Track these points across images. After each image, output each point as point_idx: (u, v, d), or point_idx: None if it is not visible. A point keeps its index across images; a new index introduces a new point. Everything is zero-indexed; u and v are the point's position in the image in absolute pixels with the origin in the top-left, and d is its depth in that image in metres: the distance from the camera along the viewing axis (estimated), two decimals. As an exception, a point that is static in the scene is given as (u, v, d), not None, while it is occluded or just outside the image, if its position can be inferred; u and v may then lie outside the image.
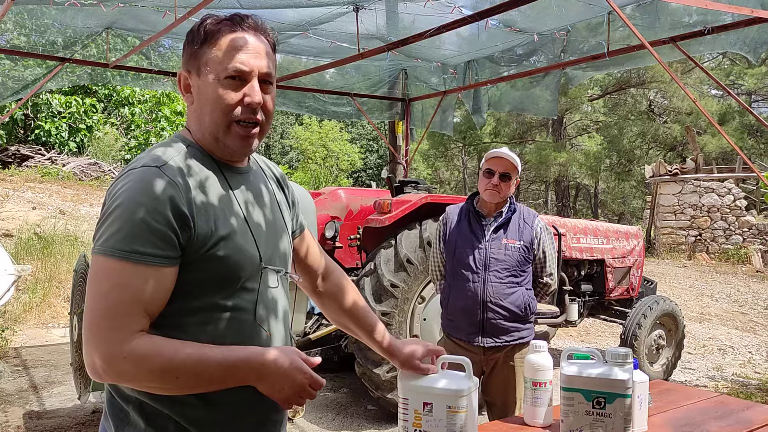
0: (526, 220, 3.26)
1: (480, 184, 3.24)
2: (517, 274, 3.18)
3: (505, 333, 3.15)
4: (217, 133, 1.41)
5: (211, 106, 1.40)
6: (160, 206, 1.27)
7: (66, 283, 8.95)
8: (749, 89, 23.13)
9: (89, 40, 6.48)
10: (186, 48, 1.45)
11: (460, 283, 3.20)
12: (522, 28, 6.07)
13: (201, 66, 1.41)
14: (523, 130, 28.09)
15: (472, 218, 3.27)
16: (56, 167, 16.27)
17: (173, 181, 1.31)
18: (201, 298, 1.36)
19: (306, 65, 7.86)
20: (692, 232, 16.43)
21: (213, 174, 1.42)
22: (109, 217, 1.29)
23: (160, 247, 1.28)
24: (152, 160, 1.35)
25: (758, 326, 9.89)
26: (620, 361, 1.89)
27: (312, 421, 5.00)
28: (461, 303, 3.19)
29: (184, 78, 1.45)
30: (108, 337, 1.25)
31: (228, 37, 1.41)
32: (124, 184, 1.31)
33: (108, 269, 1.27)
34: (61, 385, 5.73)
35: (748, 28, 5.17)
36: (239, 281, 1.40)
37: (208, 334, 1.35)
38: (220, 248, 1.35)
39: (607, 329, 8.99)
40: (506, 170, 3.16)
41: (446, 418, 1.70)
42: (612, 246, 6.25)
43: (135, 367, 1.25)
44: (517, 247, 3.18)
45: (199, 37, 1.42)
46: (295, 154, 30.22)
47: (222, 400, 1.37)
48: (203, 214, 1.34)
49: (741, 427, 2.18)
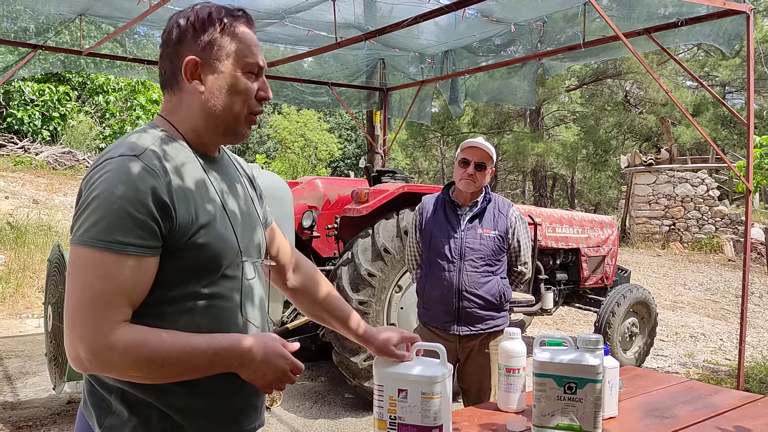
0: (501, 209, 3.29)
1: (456, 174, 3.26)
2: (492, 263, 3.21)
3: (480, 321, 3.19)
4: (229, 122, 1.45)
5: (231, 95, 1.43)
6: (141, 196, 1.27)
7: (40, 273, 8.84)
8: (723, 81, 23.42)
9: (62, 27, 6.37)
10: (194, 34, 1.42)
11: (435, 272, 3.22)
12: (499, 18, 6.08)
13: (222, 56, 1.42)
14: (501, 120, 28.20)
15: (447, 208, 3.29)
16: (29, 156, 16.01)
17: (152, 169, 1.30)
18: (182, 287, 1.36)
19: (284, 54, 7.82)
20: (666, 222, 16.66)
21: (190, 163, 1.41)
22: (88, 208, 1.28)
23: (142, 237, 1.27)
24: (129, 148, 1.33)
25: (729, 314, 10.08)
26: (591, 347, 1.92)
27: (289, 409, 5.02)
28: (437, 292, 3.21)
29: (193, 64, 1.42)
30: (93, 328, 1.24)
31: (244, 31, 1.45)
32: (102, 174, 1.29)
33: (90, 260, 1.26)
34: (36, 376, 5.68)
35: (721, 20, 5.24)
36: (220, 269, 1.40)
37: (188, 323, 1.35)
38: (200, 236, 1.35)
39: (582, 317, 9.10)
40: (481, 159, 3.19)
41: (421, 405, 1.72)
42: (587, 235, 6.32)
43: (122, 357, 1.25)
44: (492, 237, 3.21)
45: (215, 26, 1.42)
46: (272, 143, 30.03)
47: (205, 388, 1.37)
48: (184, 201, 1.33)
49: (708, 411, 2.23)
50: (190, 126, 1.45)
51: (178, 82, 1.44)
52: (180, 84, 1.44)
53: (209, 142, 1.48)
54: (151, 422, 1.35)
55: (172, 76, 1.44)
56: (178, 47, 1.42)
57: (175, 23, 1.43)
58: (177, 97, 1.45)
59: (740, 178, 5.25)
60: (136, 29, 6.98)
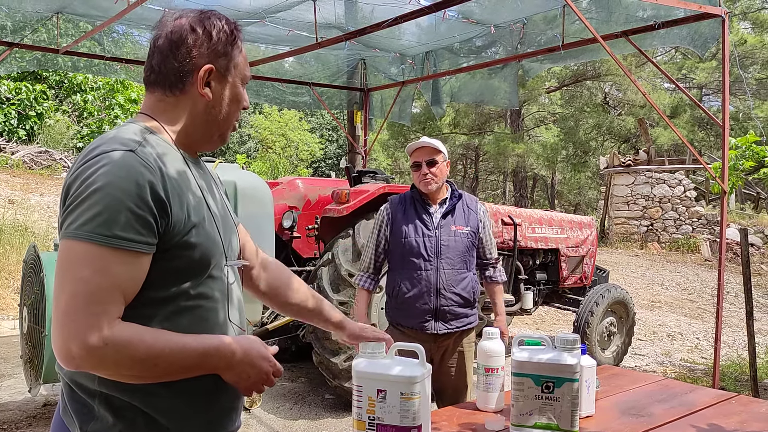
0: (470, 206, 3.35)
1: (414, 179, 3.33)
2: (467, 259, 3.28)
3: (456, 319, 3.23)
4: (224, 129, 1.51)
5: (232, 105, 1.50)
6: (140, 191, 1.25)
7: (15, 274, 8.71)
8: (700, 83, 23.71)
9: (39, 25, 6.30)
10: (210, 43, 1.44)
11: (409, 271, 3.23)
12: (479, 19, 6.12)
13: (231, 67, 1.48)
14: (482, 121, 28.28)
15: (418, 206, 3.32)
16: (4, 155, 15.77)
17: (149, 165, 1.29)
18: (170, 287, 1.35)
19: (264, 53, 7.79)
20: (644, 222, 16.83)
21: (179, 162, 1.41)
22: (86, 201, 1.24)
23: (141, 233, 1.26)
24: (123, 143, 1.31)
25: (706, 313, 10.22)
26: (569, 347, 1.94)
27: (269, 410, 5.00)
28: (413, 291, 3.22)
29: (208, 72, 1.43)
30: (89, 323, 1.21)
31: (242, 45, 1.53)
32: (100, 168, 1.26)
33: (87, 254, 1.23)
34: (11, 378, 5.60)
35: (697, 23, 5.31)
36: (208, 269, 1.40)
37: (174, 324, 1.34)
38: (192, 235, 1.35)
39: (561, 317, 9.17)
40: (430, 156, 3.25)
41: (399, 405, 1.72)
42: (566, 236, 6.38)
43: (117, 353, 1.23)
44: (465, 233, 3.26)
45: (230, 37, 1.47)
46: (253, 143, 29.87)
47: (189, 390, 1.37)
48: (177, 200, 1.33)
49: (684, 410, 2.26)
50: (184, 129, 1.45)
51: (184, 85, 1.43)
52: (186, 87, 1.43)
53: (196, 146, 1.50)
54: (137, 426, 1.33)
55: (176, 77, 1.43)
56: (192, 51, 1.42)
57: (189, 27, 1.42)
58: (174, 99, 1.44)
59: (716, 180, 5.32)
60: (114, 28, 6.92)
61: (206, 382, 1.38)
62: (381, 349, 1.81)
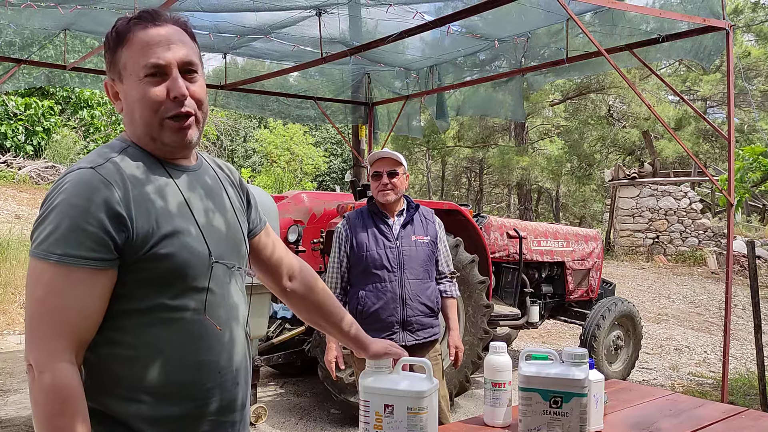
0: (427, 217, 3.41)
1: (372, 190, 3.34)
2: (428, 269, 3.33)
3: (422, 329, 3.27)
4: (152, 133, 1.40)
5: (139, 107, 1.39)
6: (93, 208, 1.27)
7: (21, 289, 8.73)
8: (705, 95, 23.70)
9: (47, 41, 6.36)
10: (105, 56, 1.45)
11: (374, 284, 3.26)
12: (483, 34, 6.15)
13: (121, 70, 1.41)
14: (486, 134, 28.32)
15: (377, 219, 3.35)
16: (12, 171, 15.86)
17: (108, 181, 1.30)
18: (146, 300, 1.34)
19: (270, 68, 7.84)
20: (650, 235, 16.78)
21: (154, 172, 1.40)
22: (45, 221, 1.29)
23: (94, 249, 1.27)
24: (88, 162, 1.34)
25: (713, 326, 10.15)
26: (576, 361, 1.93)
27: (275, 425, 4.98)
28: (379, 303, 3.24)
29: (110, 86, 1.46)
30: (41, 346, 1.26)
31: (139, 35, 1.39)
32: (60, 187, 1.31)
33: (43, 273, 1.27)
34: (17, 393, 5.60)
35: (701, 36, 5.32)
36: (186, 279, 1.38)
37: (155, 337, 1.34)
38: (163, 246, 1.34)
39: (567, 331, 9.13)
40: (391, 167, 3.29)
41: (407, 420, 1.72)
42: (572, 249, 6.36)
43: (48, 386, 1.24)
44: (425, 243, 3.32)
45: (113, 42, 1.42)
46: (258, 157, 29.95)
47: (178, 394, 1.37)
48: (143, 212, 1.33)
49: (693, 424, 2.24)
50: (136, 138, 1.45)
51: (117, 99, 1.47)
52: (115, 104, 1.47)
53: (160, 153, 1.44)
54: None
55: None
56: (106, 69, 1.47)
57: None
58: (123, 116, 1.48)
59: (722, 193, 5.31)
60: (121, 44, 6.96)
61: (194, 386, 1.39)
62: (388, 363, 1.81)
